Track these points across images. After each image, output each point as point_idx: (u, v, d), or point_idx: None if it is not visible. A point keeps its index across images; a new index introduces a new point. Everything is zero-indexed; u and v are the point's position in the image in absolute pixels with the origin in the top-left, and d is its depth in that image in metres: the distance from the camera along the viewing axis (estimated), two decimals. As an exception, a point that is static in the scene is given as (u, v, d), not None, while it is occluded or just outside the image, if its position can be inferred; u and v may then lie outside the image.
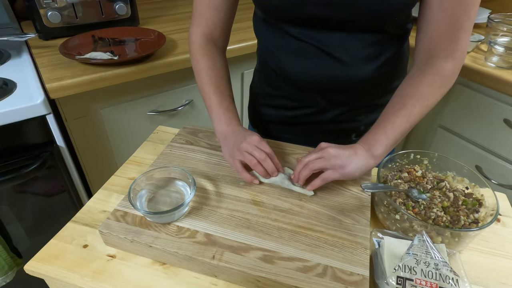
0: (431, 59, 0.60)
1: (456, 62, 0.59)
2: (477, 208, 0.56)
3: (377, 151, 0.58)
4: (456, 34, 0.57)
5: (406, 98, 0.59)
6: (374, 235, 0.54)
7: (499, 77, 1.05)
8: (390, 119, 0.59)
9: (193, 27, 0.72)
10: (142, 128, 1.15)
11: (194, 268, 0.51)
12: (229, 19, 0.72)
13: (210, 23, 0.71)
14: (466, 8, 0.55)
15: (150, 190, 0.59)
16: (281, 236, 0.52)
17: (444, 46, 0.59)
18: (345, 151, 0.57)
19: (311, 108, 0.74)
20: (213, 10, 0.69)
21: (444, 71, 0.59)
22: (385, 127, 0.58)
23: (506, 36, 1.16)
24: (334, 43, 0.63)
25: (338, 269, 0.47)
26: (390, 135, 0.58)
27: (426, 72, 0.60)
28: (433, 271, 0.45)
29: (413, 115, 0.59)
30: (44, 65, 0.99)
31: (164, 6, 1.54)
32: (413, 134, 1.46)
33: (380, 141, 0.58)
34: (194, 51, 0.71)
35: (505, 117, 1.10)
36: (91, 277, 0.50)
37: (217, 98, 0.67)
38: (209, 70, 0.69)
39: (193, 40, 0.72)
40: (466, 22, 0.56)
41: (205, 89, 0.69)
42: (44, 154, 0.92)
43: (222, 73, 0.71)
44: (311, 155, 0.59)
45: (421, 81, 0.59)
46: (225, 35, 0.75)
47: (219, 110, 0.66)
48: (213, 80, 0.69)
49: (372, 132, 0.59)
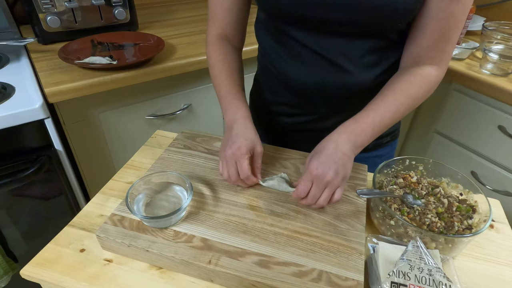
0: (418, 63, 0.62)
1: (441, 71, 0.62)
2: (470, 214, 0.57)
3: (361, 142, 0.58)
4: (444, 45, 0.60)
5: (397, 94, 0.60)
6: (369, 241, 0.55)
7: (493, 84, 1.06)
8: (381, 111, 0.59)
9: (209, 28, 0.74)
10: (140, 132, 1.15)
11: (190, 273, 0.51)
12: (242, 19, 0.73)
13: (223, 24, 0.72)
14: (456, 22, 0.57)
15: (147, 194, 0.59)
16: (277, 241, 0.53)
17: (432, 55, 0.60)
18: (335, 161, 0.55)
19: (311, 115, 0.75)
20: (225, 11, 0.71)
21: (431, 76, 0.61)
22: (375, 118, 0.58)
23: (501, 44, 1.18)
24: (335, 49, 0.63)
25: (333, 274, 0.48)
26: (376, 129, 0.59)
27: (416, 72, 0.61)
28: (427, 276, 0.45)
29: (398, 113, 0.60)
30: (43, 69, 1.00)
31: (163, 11, 1.55)
32: (410, 139, 1.47)
33: (366, 133, 0.58)
34: (208, 49, 0.73)
35: (500, 123, 1.11)
36: (87, 281, 0.50)
37: (227, 87, 0.68)
38: (220, 63, 0.70)
39: (208, 40, 0.74)
40: (454, 34, 0.59)
41: (216, 81, 0.70)
42: (42, 158, 0.92)
43: (234, 65, 0.71)
44: (313, 189, 0.55)
45: (412, 81, 0.61)
46: (240, 34, 0.75)
47: (227, 98, 0.67)
48: (223, 72, 0.70)
49: (362, 120, 0.59)
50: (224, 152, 0.60)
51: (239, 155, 0.58)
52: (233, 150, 0.59)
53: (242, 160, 0.59)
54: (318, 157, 0.56)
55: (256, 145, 0.61)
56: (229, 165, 0.59)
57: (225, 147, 0.61)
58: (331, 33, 0.62)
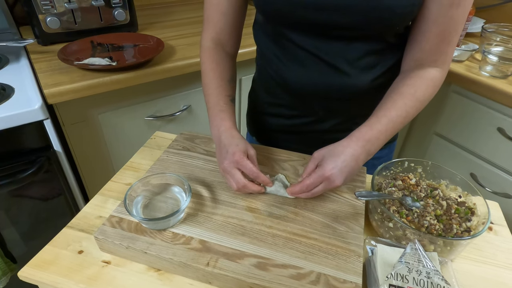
0: (422, 66, 0.62)
1: (444, 73, 0.63)
2: (469, 216, 0.57)
3: (375, 150, 0.59)
4: (446, 48, 0.60)
5: (406, 98, 0.60)
6: (367, 243, 0.55)
7: (493, 86, 1.07)
8: (393, 118, 0.59)
9: (203, 32, 0.73)
10: (140, 134, 1.15)
11: (188, 275, 0.51)
12: (237, 23, 0.73)
13: (217, 28, 0.71)
14: (456, 25, 0.58)
15: (146, 196, 0.59)
16: (275, 243, 0.53)
17: (435, 58, 0.61)
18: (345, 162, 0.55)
19: (309, 117, 0.75)
20: (221, 15, 0.70)
21: (435, 78, 0.62)
22: (388, 125, 0.59)
23: (500, 46, 1.18)
24: (333, 52, 0.63)
25: (331, 276, 0.48)
26: (389, 136, 0.59)
27: (422, 76, 0.62)
28: (425, 279, 0.45)
29: (408, 118, 0.60)
30: (42, 70, 1.00)
31: (163, 12, 1.55)
32: (409, 141, 1.47)
33: (379, 140, 0.58)
34: (201, 54, 0.73)
35: (499, 125, 1.11)
36: (85, 283, 0.50)
37: (214, 99, 0.67)
38: (211, 72, 0.70)
39: (202, 45, 0.73)
40: (454, 37, 0.59)
41: (205, 90, 0.70)
42: (41, 159, 0.92)
43: (224, 74, 0.71)
44: (312, 177, 0.56)
45: (418, 84, 0.61)
46: (234, 39, 0.75)
47: (213, 111, 0.66)
48: (213, 81, 0.69)
49: (375, 128, 0.58)
50: (222, 165, 0.59)
51: (237, 159, 0.58)
52: (229, 159, 0.58)
53: (244, 163, 0.58)
54: (335, 160, 0.55)
55: (248, 148, 0.61)
56: (233, 173, 0.58)
57: (221, 160, 0.60)
58: (330, 36, 0.62)
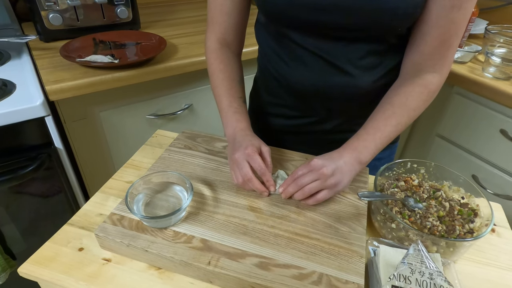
0: (419, 71, 0.62)
1: (442, 78, 0.62)
2: (472, 218, 0.57)
3: (365, 158, 0.59)
4: (446, 51, 0.60)
5: (395, 107, 0.61)
6: (370, 244, 0.54)
7: (496, 87, 1.06)
8: (380, 127, 0.60)
9: (208, 33, 0.74)
10: (141, 132, 1.15)
11: (189, 274, 0.51)
12: (241, 22, 0.73)
13: (222, 28, 0.72)
14: (457, 29, 0.58)
15: (147, 194, 0.59)
16: (277, 243, 0.52)
17: (434, 62, 0.61)
18: (336, 164, 0.57)
19: (311, 117, 0.74)
20: (225, 15, 0.70)
21: (431, 85, 0.61)
22: (375, 135, 0.60)
23: (503, 47, 1.18)
24: (335, 52, 0.63)
25: (333, 277, 0.48)
26: (379, 144, 0.60)
27: (416, 83, 0.61)
28: (428, 280, 0.45)
29: (400, 125, 0.61)
30: (44, 67, 0.99)
31: (165, 11, 1.55)
32: (411, 143, 1.47)
33: (369, 149, 0.59)
34: (208, 56, 0.73)
35: (502, 127, 1.10)
36: (85, 280, 0.49)
37: (227, 101, 0.68)
38: (221, 73, 0.70)
39: (207, 46, 0.73)
40: (455, 41, 0.59)
41: (216, 92, 0.70)
42: (42, 156, 0.92)
43: (234, 75, 0.71)
44: (306, 175, 0.57)
45: (410, 92, 0.61)
46: (239, 38, 0.75)
47: (228, 112, 0.67)
48: (224, 83, 0.69)
49: (362, 138, 0.60)
50: (233, 156, 0.59)
51: (248, 153, 0.58)
52: (241, 151, 0.59)
53: (255, 157, 0.58)
54: (322, 156, 0.58)
55: (262, 145, 0.62)
56: (242, 165, 0.58)
57: (232, 152, 0.60)
58: (331, 36, 0.62)
